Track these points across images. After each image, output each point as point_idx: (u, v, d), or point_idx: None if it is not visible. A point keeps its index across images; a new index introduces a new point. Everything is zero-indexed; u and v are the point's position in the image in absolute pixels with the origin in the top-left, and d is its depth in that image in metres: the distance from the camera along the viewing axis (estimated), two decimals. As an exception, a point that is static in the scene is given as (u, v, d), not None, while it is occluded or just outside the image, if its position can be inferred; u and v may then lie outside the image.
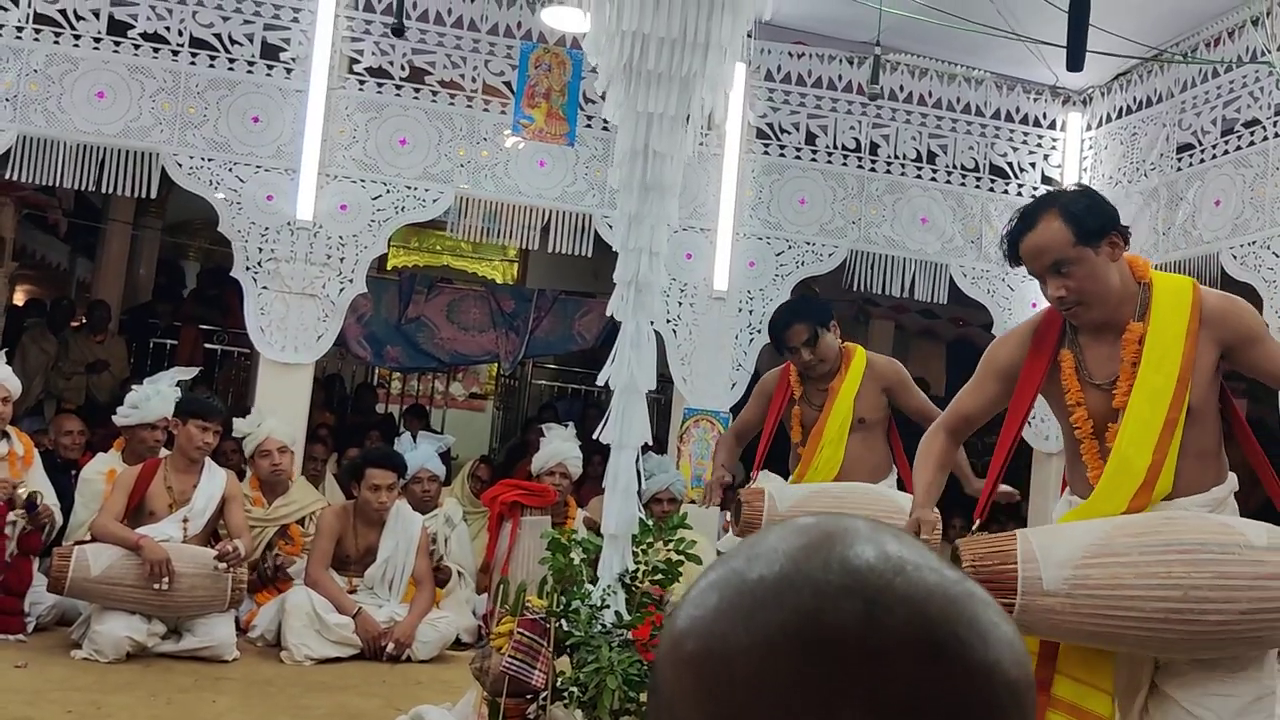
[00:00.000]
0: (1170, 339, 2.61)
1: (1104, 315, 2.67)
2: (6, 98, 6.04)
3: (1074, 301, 2.64)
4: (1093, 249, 2.60)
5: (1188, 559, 2.40)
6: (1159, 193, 6.54)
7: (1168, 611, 2.40)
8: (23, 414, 7.69)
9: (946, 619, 0.56)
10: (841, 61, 7.11)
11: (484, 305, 9.11)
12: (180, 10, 6.26)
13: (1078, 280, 2.61)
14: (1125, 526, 2.53)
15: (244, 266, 6.33)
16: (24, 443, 5.41)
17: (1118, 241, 2.64)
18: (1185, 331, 2.60)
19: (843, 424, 4.56)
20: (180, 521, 5.11)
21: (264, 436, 5.93)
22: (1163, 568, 2.41)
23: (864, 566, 0.57)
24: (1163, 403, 2.58)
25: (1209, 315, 2.62)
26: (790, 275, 7.08)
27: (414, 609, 5.39)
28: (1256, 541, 2.41)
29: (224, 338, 9.75)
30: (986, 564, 2.55)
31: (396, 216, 6.56)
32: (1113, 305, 2.66)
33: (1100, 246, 2.61)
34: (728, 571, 0.60)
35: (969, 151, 7.29)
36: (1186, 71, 6.41)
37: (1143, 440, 2.59)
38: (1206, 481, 2.63)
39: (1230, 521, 2.51)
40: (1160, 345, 2.61)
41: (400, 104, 6.54)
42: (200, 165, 6.27)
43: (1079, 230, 2.60)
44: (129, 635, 4.78)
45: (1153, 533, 2.48)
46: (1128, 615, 2.42)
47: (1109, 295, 2.64)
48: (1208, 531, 2.45)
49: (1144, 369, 2.62)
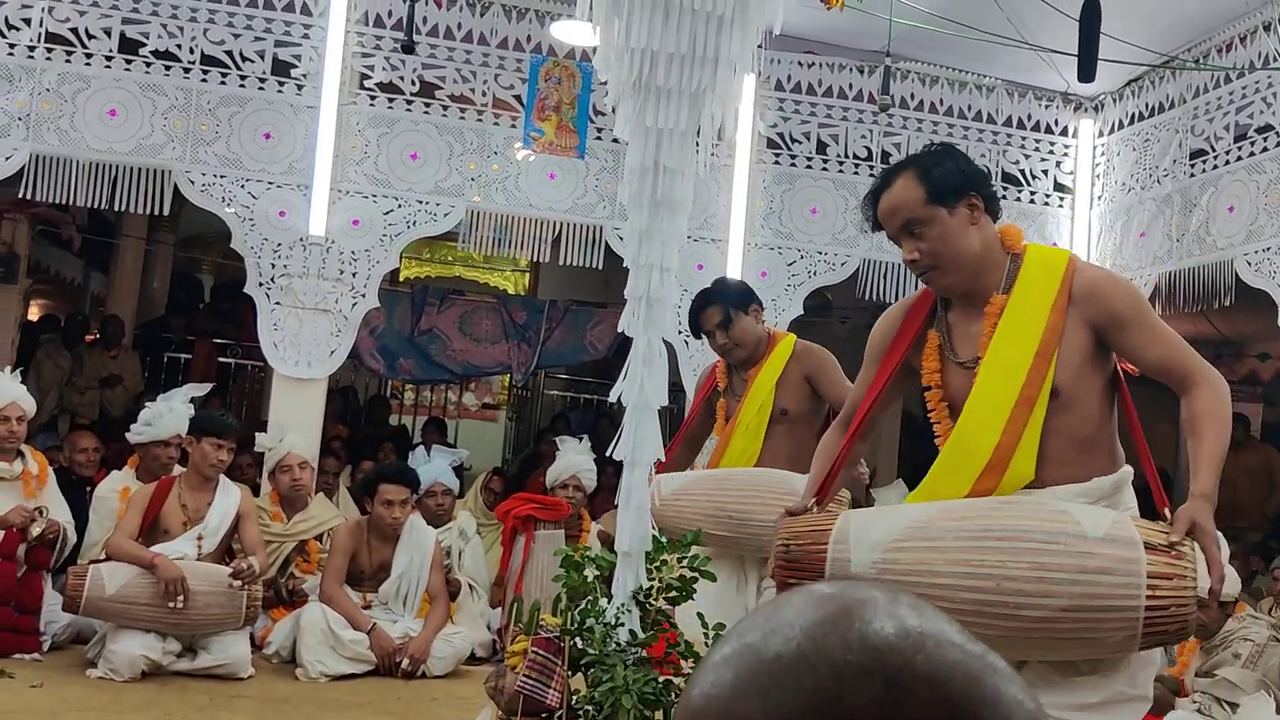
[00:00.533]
0: (1032, 312, 2.42)
1: (961, 282, 2.52)
2: (19, 117, 6.07)
3: (927, 265, 2.50)
4: (947, 209, 2.45)
5: (1004, 547, 2.20)
6: (1172, 199, 6.51)
7: (979, 604, 2.19)
8: (37, 429, 7.72)
9: (968, 699, 0.55)
10: (852, 70, 7.10)
11: (496, 317, 9.12)
12: (191, 28, 6.28)
13: (930, 242, 2.47)
14: (952, 510, 2.36)
15: (257, 282, 6.34)
16: (39, 461, 5.43)
17: (976, 204, 2.48)
18: (1050, 305, 2.41)
19: (759, 413, 4.19)
20: (195, 539, 5.11)
21: (285, 452, 5.96)
22: (976, 555, 2.21)
23: (883, 645, 0.56)
24: (1016, 379, 2.39)
25: (1079, 292, 2.43)
26: (803, 285, 7.06)
27: (428, 624, 5.38)
28: (1091, 532, 2.17)
29: (238, 351, 9.77)
30: (800, 543, 2.42)
31: (408, 231, 6.56)
32: (971, 272, 2.49)
33: (956, 208, 2.46)
34: (743, 647, 0.59)
35: (981, 159, 7.24)
36: (1199, 77, 6.38)
37: (989, 419, 2.40)
38: (1085, 471, 2.40)
39: (1071, 509, 2.26)
40: (1020, 318, 2.43)
41: (411, 119, 6.55)
42: (212, 182, 6.28)
43: (932, 189, 2.46)
44: (144, 654, 4.79)
45: (978, 517, 2.28)
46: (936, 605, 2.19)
47: (965, 260, 2.48)
48: (1036, 519, 2.23)
49: (998, 341, 2.44)
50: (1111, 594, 2.12)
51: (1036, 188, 7.34)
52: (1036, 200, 7.34)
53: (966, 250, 2.47)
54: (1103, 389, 2.47)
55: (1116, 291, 2.45)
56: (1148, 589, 2.11)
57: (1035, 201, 7.34)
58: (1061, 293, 2.42)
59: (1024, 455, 2.38)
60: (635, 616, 3.60)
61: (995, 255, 2.51)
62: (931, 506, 2.41)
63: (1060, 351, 2.40)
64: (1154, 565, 2.13)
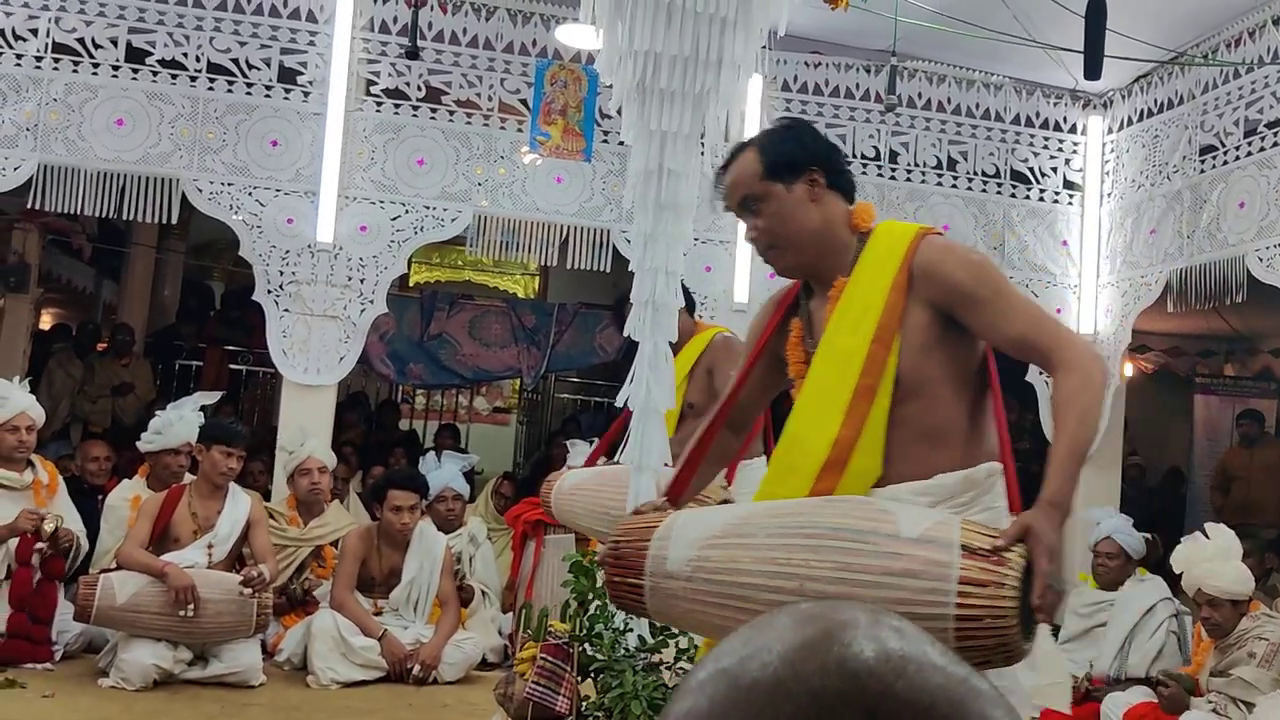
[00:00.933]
0: (870, 294, 2.22)
1: (803, 263, 2.37)
2: (27, 127, 6.09)
3: (766, 245, 2.37)
4: (784, 185, 2.31)
5: (813, 545, 2.01)
6: (1182, 196, 6.47)
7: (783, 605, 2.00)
8: (50, 438, 7.75)
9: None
10: (858, 70, 7.08)
11: (505, 321, 9.11)
12: (197, 36, 6.29)
13: (766, 219, 2.34)
14: (775, 508, 2.18)
15: (265, 290, 6.35)
16: (49, 471, 5.45)
17: (817, 179, 2.32)
18: (889, 286, 2.20)
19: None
20: (205, 547, 5.12)
21: (306, 455, 5.98)
22: (784, 553, 2.03)
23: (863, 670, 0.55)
24: (853, 368, 2.18)
25: (918, 269, 2.21)
26: (811, 286, 7.03)
27: (439, 630, 5.38)
28: (906, 532, 1.96)
29: (249, 358, 9.78)
30: (627, 540, 2.27)
31: (416, 236, 6.56)
32: (814, 252, 2.34)
33: (794, 184, 2.31)
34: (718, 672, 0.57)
35: (990, 158, 7.23)
36: (1208, 72, 6.34)
37: (825, 412, 2.20)
38: (928, 467, 2.14)
39: (894, 509, 2.05)
40: (858, 301, 2.24)
41: (418, 124, 6.55)
42: (220, 190, 6.29)
43: (767, 164, 2.32)
44: (155, 663, 4.79)
45: (796, 514, 2.11)
46: (741, 606, 2.03)
47: (805, 239, 2.32)
48: (854, 516, 2.03)
49: (833, 328, 2.26)
50: (916, 599, 1.89)
51: (1046, 185, 7.31)
52: (1046, 198, 7.30)
53: (805, 228, 2.32)
54: (958, 376, 2.23)
55: (954, 264, 2.21)
56: (958, 596, 1.88)
57: (1044, 199, 7.30)
58: (902, 271, 2.21)
59: (866, 451, 2.17)
60: (644, 622, 3.59)
61: (840, 234, 2.34)
62: (759, 505, 2.25)
63: (903, 336, 2.19)
64: (968, 570, 1.89)
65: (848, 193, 2.38)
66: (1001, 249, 7.19)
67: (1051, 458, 2.02)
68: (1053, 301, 7.20)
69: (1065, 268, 7.26)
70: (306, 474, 5.96)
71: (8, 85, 6.09)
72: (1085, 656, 5.57)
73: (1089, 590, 5.88)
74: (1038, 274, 7.24)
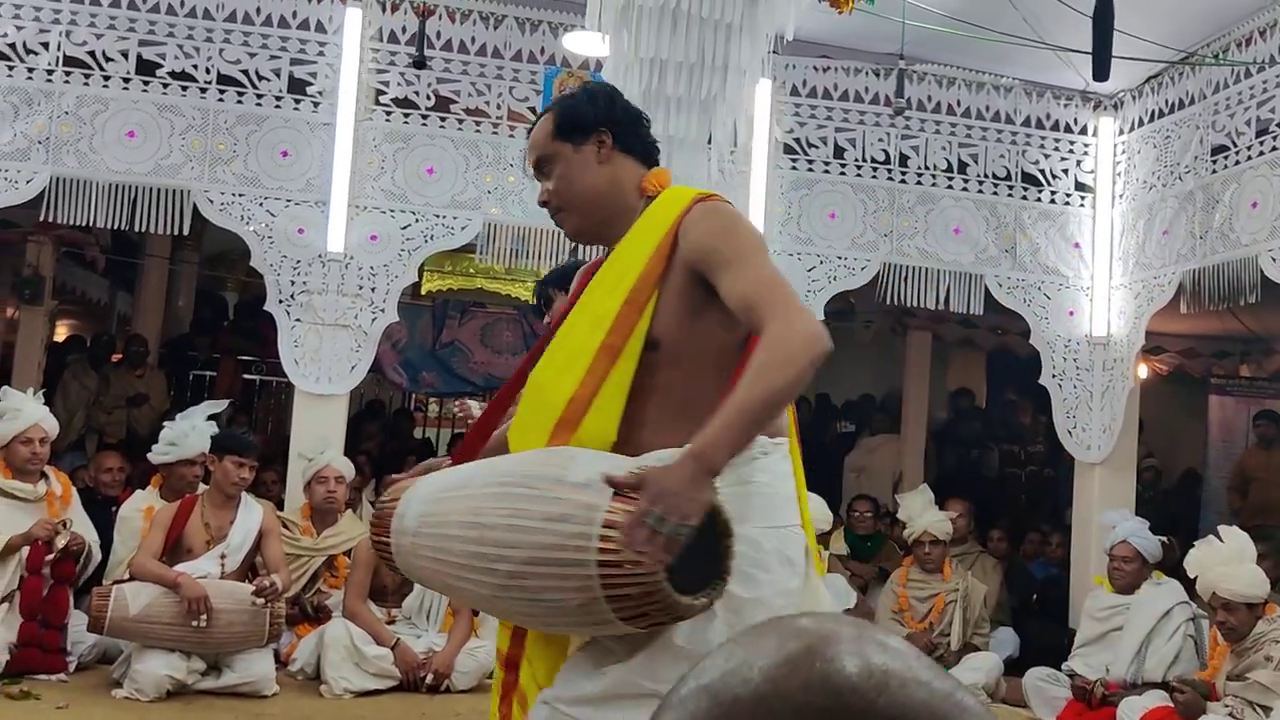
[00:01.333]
0: (633, 255, 2.15)
1: (589, 226, 2.29)
2: (39, 140, 6.12)
3: (555, 207, 2.29)
4: (573, 145, 2.24)
5: (497, 493, 1.96)
6: (1194, 196, 6.43)
7: (470, 556, 1.96)
8: (65, 449, 7.78)
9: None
10: (867, 74, 7.06)
11: (517, 328, 9.13)
12: (207, 48, 6.31)
13: (554, 180, 2.26)
14: (497, 461, 2.14)
15: (277, 299, 6.37)
16: (62, 482, 5.47)
17: (605, 140, 2.24)
18: (654, 249, 2.12)
19: None
20: (218, 558, 5.13)
21: (324, 463, 6.00)
22: (475, 503, 1.98)
23: (845, 686, 0.54)
24: (601, 328, 2.10)
25: (681, 232, 2.11)
26: (823, 290, 7.02)
27: (452, 639, 5.38)
28: (573, 476, 1.87)
29: (262, 368, 9.82)
30: (388, 500, 2.23)
31: (426, 245, 6.57)
32: (599, 216, 2.25)
33: (584, 145, 2.24)
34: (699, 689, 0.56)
35: (1000, 160, 7.21)
36: (1219, 72, 6.31)
37: (564, 369, 2.12)
38: (679, 438, 1.91)
39: (580, 455, 1.96)
40: (620, 263, 2.17)
41: (427, 133, 6.56)
42: (231, 201, 6.31)
43: (558, 124, 2.26)
44: (169, 673, 4.80)
45: (502, 465, 2.07)
46: (445, 559, 2.02)
47: (589, 201, 2.24)
48: (539, 463, 1.98)
49: (592, 287, 2.21)
50: (565, 544, 1.81)
51: (1057, 187, 7.27)
52: (1057, 200, 7.27)
53: (589, 189, 2.24)
54: (719, 349, 2.12)
55: (705, 224, 2.11)
56: (600, 540, 1.77)
57: (1056, 201, 7.27)
58: (669, 235, 2.12)
59: (601, 412, 2.06)
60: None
61: (628, 199, 2.25)
62: (490, 460, 2.19)
63: (660, 299, 2.10)
64: (613, 514, 1.78)
65: (644, 157, 2.30)
66: (1013, 251, 7.17)
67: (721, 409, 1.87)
68: (1065, 304, 7.17)
69: (1078, 270, 7.22)
70: (323, 482, 5.98)
71: (19, 99, 6.12)
72: (1101, 661, 5.53)
73: (1105, 594, 5.85)
74: (1050, 276, 7.21)
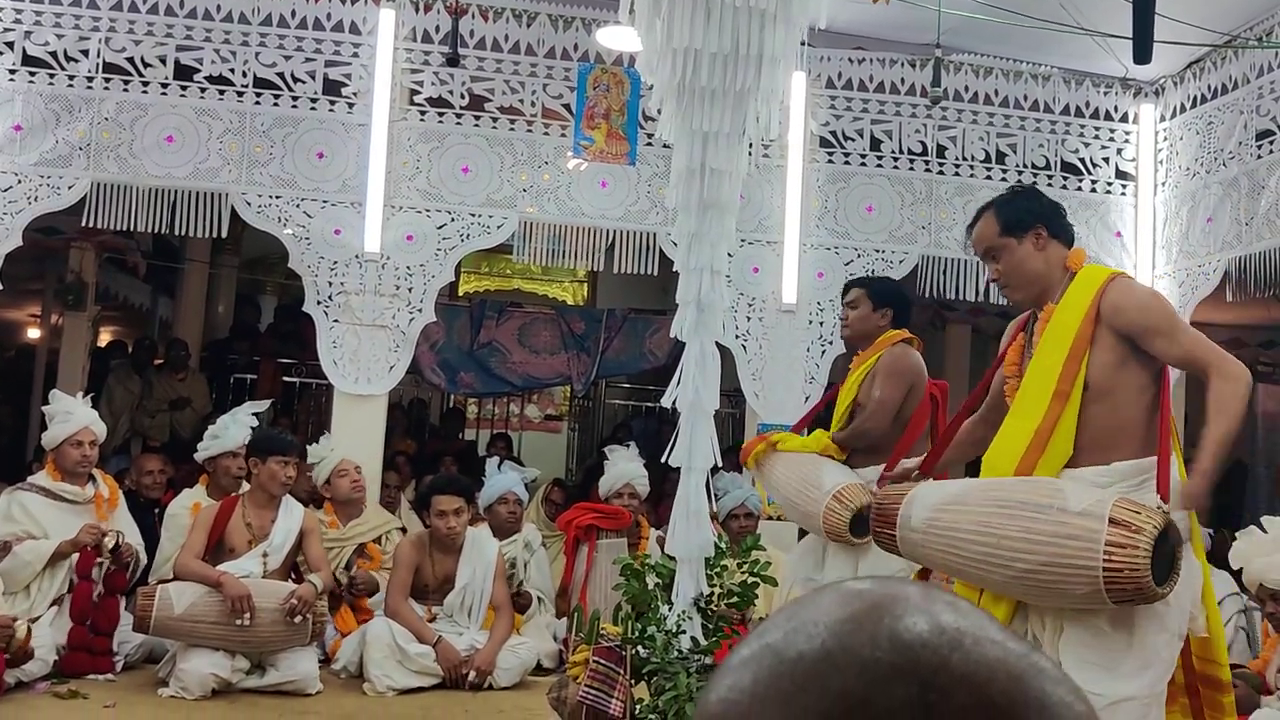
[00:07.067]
0: (1068, 320, 2.92)
1: (1029, 297, 3.09)
2: (80, 146, 6.18)
3: (1003, 284, 3.12)
4: (1015, 239, 3.05)
5: (1006, 513, 2.74)
6: (1239, 182, 6.33)
7: (985, 554, 2.75)
8: (110, 453, 7.85)
9: (1012, 701, 0.50)
10: (903, 65, 7.00)
11: (554, 328, 9.11)
12: (244, 52, 6.36)
13: (1003, 265, 3.08)
14: (987, 484, 2.95)
15: (315, 301, 6.40)
16: (109, 485, 5.51)
17: (1041, 234, 3.04)
18: (1083, 316, 2.89)
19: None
20: (260, 557, 5.15)
21: (339, 459, 6.06)
22: (986, 519, 2.78)
23: (916, 642, 0.51)
24: (1053, 376, 2.89)
25: (1105, 309, 2.90)
26: (860, 284, 6.95)
27: (494, 636, 5.37)
28: (1072, 507, 2.66)
29: (302, 370, 9.86)
30: (883, 501, 3.13)
31: (462, 244, 6.58)
32: (1038, 290, 3.05)
33: (1024, 238, 3.04)
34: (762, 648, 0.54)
35: (1039, 149, 7.12)
36: (1262, 56, 6.20)
37: (1029, 408, 2.91)
38: (1109, 455, 2.86)
39: (1065, 487, 2.75)
40: (1059, 326, 2.93)
41: (461, 132, 6.57)
42: (268, 203, 6.35)
43: (1003, 224, 3.07)
44: (213, 672, 4.83)
45: (997, 489, 2.86)
46: (959, 554, 2.84)
47: (1031, 279, 3.05)
48: (1036, 494, 2.75)
49: (1042, 344, 2.97)
50: (1076, 555, 2.62)
51: (1098, 176, 7.18)
52: (1098, 189, 7.18)
53: (1031, 272, 3.05)
54: (1140, 385, 2.91)
55: (1130, 307, 2.90)
56: (1104, 555, 2.58)
57: (1097, 190, 7.18)
58: (1092, 306, 2.90)
59: (1061, 439, 2.87)
60: (697, 624, 3.55)
61: (1057, 274, 3.04)
62: (975, 481, 3.04)
63: (1092, 354, 2.89)
64: (1112, 536, 2.59)
65: (1067, 241, 3.10)
66: (1053, 242, 7.07)
67: (1205, 442, 2.75)
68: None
69: (1120, 259, 7.11)
70: (345, 475, 6.03)
71: (60, 106, 6.19)
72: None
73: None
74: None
